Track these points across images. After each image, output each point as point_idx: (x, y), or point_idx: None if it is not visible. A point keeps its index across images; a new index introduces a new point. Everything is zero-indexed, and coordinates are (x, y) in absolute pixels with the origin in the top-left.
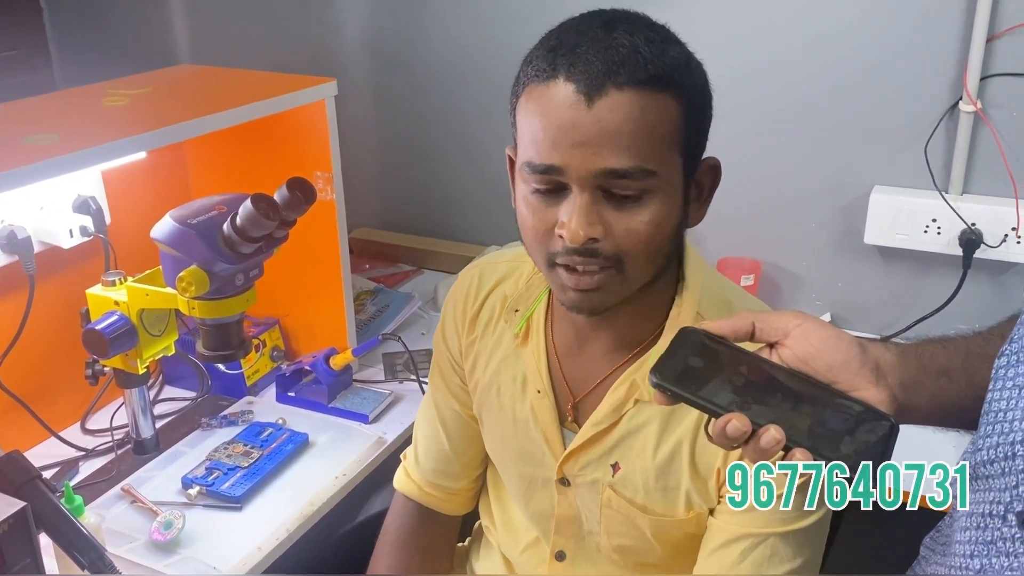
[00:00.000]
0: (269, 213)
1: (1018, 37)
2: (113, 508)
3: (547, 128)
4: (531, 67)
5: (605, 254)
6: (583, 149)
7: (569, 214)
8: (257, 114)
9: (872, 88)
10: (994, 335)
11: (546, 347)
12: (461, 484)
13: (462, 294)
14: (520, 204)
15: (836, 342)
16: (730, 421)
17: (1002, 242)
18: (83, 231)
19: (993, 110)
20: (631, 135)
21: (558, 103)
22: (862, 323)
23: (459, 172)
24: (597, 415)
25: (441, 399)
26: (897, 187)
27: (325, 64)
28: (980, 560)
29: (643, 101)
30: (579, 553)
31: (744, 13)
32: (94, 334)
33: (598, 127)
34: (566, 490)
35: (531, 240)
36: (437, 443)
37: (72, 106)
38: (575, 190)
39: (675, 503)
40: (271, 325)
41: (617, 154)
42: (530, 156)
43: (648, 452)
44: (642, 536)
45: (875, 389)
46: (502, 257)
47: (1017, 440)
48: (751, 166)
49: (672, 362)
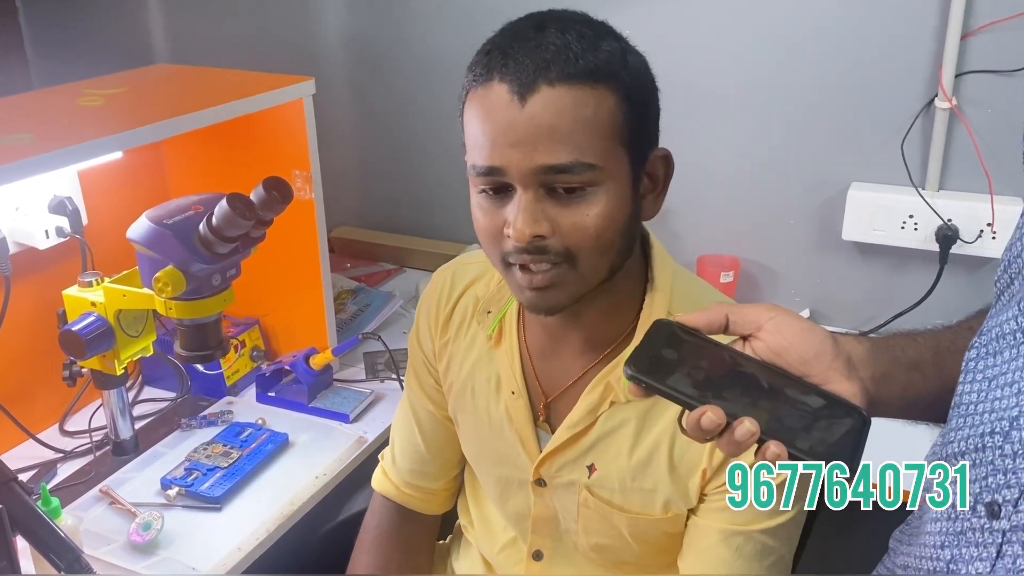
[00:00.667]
0: (245, 213)
1: (992, 35)
2: (91, 510)
3: (486, 130)
4: (471, 72)
5: (555, 250)
6: (520, 148)
7: (514, 213)
8: (234, 113)
9: (849, 86)
10: (963, 329)
11: (519, 348)
12: (438, 484)
13: (435, 296)
14: (473, 208)
15: (809, 335)
16: (705, 413)
17: (978, 238)
18: (59, 232)
19: (968, 107)
20: (566, 130)
21: (493, 105)
22: (841, 319)
23: (440, 170)
24: (572, 417)
25: (416, 400)
26: (874, 184)
27: (303, 62)
28: (951, 550)
29: (576, 95)
30: (556, 552)
31: (721, 13)
32: (71, 335)
33: (532, 124)
34: (542, 491)
35: (485, 242)
36: (413, 444)
37: (47, 106)
38: (519, 189)
39: (652, 503)
40: (251, 325)
41: (554, 150)
42: (474, 159)
43: (624, 453)
44: (619, 535)
45: (847, 382)
46: (475, 258)
47: (987, 432)
48: (730, 164)
49: (646, 354)
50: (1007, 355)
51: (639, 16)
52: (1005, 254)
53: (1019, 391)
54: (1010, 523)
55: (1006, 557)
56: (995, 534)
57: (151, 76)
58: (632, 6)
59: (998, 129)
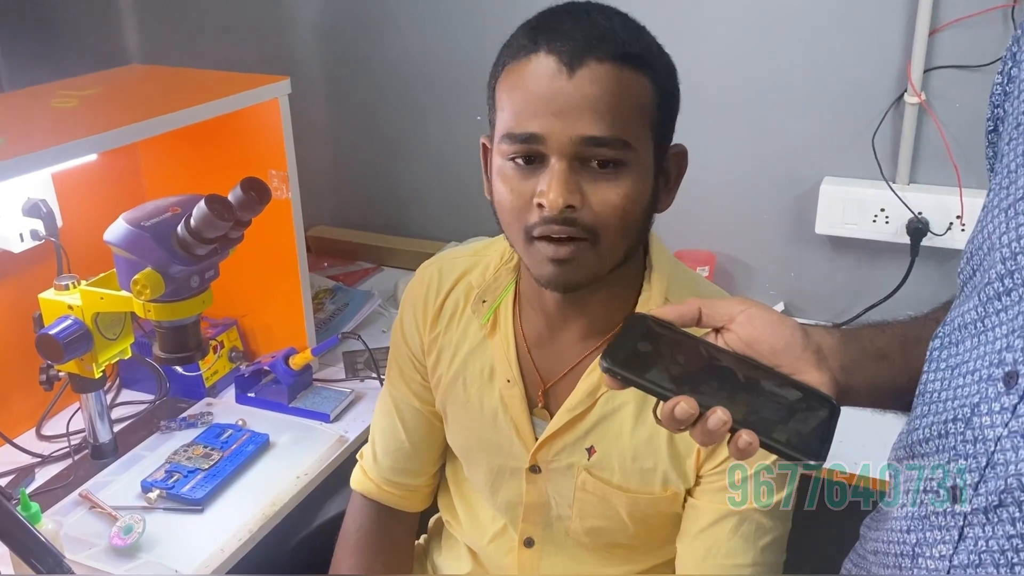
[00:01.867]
0: (223, 214)
1: (958, 31)
2: (71, 514)
3: (528, 98)
4: (511, 49)
5: (582, 223)
6: (563, 117)
7: (548, 182)
8: (210, 114)
9: (820, 83)
10: (929, 320)
11: (515, 337)
12: (420, 480)
13: (422, 291)
14: (497, 180)
15: (779, 327)
16: (678, 404)
17: (947, 230)
18: (34, 235)
19: (937, 101)
20: (610, 105)
21: (539, 75)
22: (815, 311)
23: (417, 168)
24: (572, 400)
25: (400, 396)
26: (846, 178)
27: (278, 61)
28: (916, 535)
29: (621, 75)
30: (547, 539)
31: (693, 9)
32: (48, 339)
33: (578, 95)
34: (536, 477)
35: (508, 215)
36: (396, 440)
37: (20, 108)
38: (553, 160)
39: (651, 482)
40: (229, 326)
41: (596, 122)
42: (510, 127)
43: (624, 434)
44: (616, 516)
45: (817, 372)
46: (460, 253)
47: (949, 419)
48: (704, 160)
49: (622, 347)
50: (968, 344)
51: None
52: (967, 246)
53: (980, 379)
54: (971, 506)
55: (968, 539)
56: (957, 517)
57: (125, 77)
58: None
59: (966, 123)
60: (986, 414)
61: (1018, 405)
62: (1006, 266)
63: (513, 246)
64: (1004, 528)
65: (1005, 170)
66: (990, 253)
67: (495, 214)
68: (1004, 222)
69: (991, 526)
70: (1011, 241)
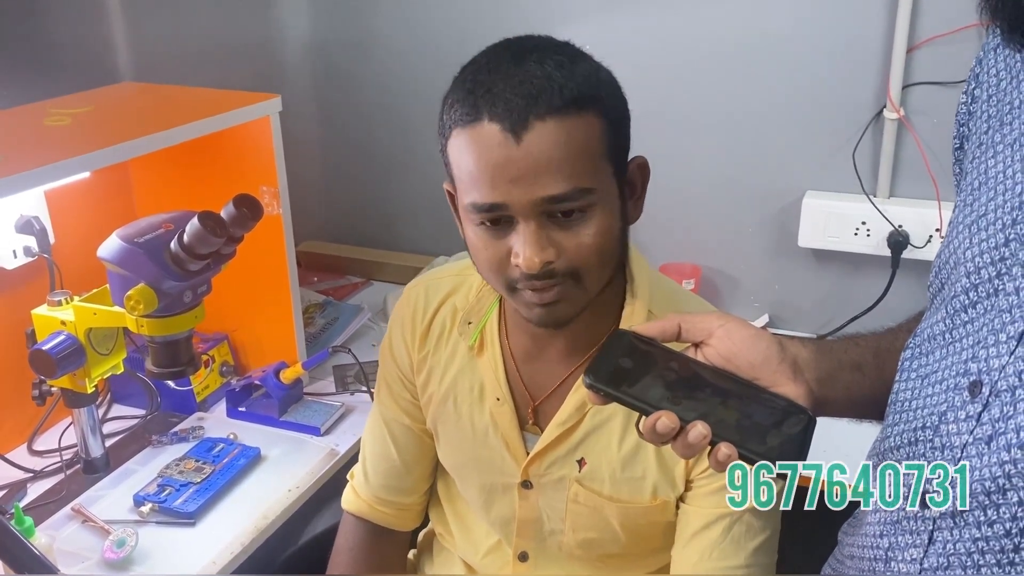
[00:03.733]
0: (216, 230)
1: (935, 48)
2: (64, 528)
3: (483, 169)
4: (454, 111)
5: (561, 272)
6: (520, 183)
7: (521, 244)
8: (202, 132)
9: (802, 99)
10: (902, 331)
11: (502, 355)
12: (412, 499)
13: (409, 311)
14: (471, 238)
15: (756, 341)
16: (659, 419)
17: (927, 242)
18: (27, 251)
19: (915, 117)
20: (562, 160)
21: (487, 144)
22: (798, 323)
23: (405, 183)
24: (561, 415)
25: (391, 415)
26: (828, 192)
27: (268, 77)
28: (888, 539)
29: (566, 126)
30: (541, 553)
31: (675, 29)
32: (41, 355)
33: (530, 160)
34: (528, 493)
35: (488, 271)
36: (387, 459)
37: (13, 126)
38: (521, 221)
39: (641, 491)
40: (220, 340)
41: (554, 181)
42: (473, 198)
43: (613, 445)
44: (608, 527)
45: (793, 384)
46: (446, 272)
47: (919, 427)
48: (689, 175)
49: (605, 363)
50: (937, 355)
51: (593, 31)
52: (935, 261)
53: (947, 388)
54: (939, 511)
55: (937, 543)
56: (927, 522)
57: (117, 95)
58: (586, 23)
59: (944, 138)
60: (952, 422)
61: (982, 413)
62: (971, 280)
63: (498, 291)
64: (971, 531)
65: (969, 187)
66: (956, 268)
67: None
68: (968, 237)
69: (959, 530)
70: (975, 256)
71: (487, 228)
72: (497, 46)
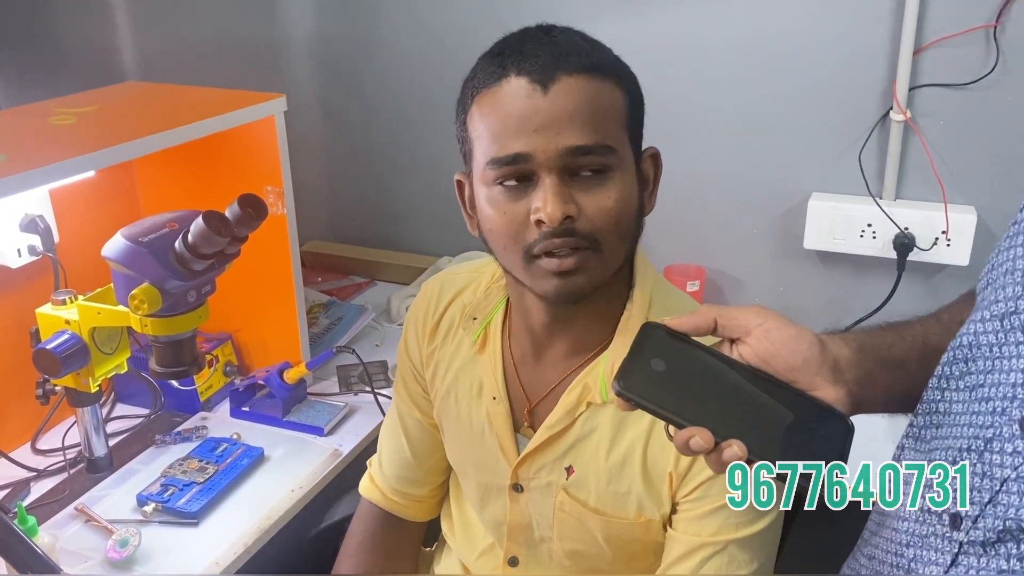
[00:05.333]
0: (221, 230)
1: (942, 50)
2: (67, 528)
3: (507, 121)
4: (477, 79)
5: (581, 233)
6: (545, 132)
7: (543, 198)
8: (206, 131)
9: (808, 101)
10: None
11: (502, 355)
12: (424, 491)
13: (423, 306)
14: (486, 208)
15: (796, 343)
16: (693, 436)
17: (933, 245)
18: (31, 250)
19: (922, 119)
20: (588, 114)
21: (515, 96)
22: (804, 325)
23: (409, 183)
24: (551, 419)
25: (404, 408)
26: (834, 194)
27: (273, 77)
28: (914, 550)
29: (593, 84)
30: (531, 559)
31: (682, 30)
32: (45, 354)
33: (556, 109)
34: (518, 496)
35: (504, 238)
36: (400, 451)
37: (18, 125)
38: (543, 175)
39: (626, 507)
40: (223, 340)
41: (579, 132)
42: (493, 152)
43: (601, 455)
44: (593, 540)
45: (833, 388)
46: (463, 269)
47: (964, 447)
48: (695, 177)
49: (635, 367)
50: (981, 365)
51: (599, 32)
52: (991, 255)
53: (995, 410)
54: (967, 536)
55: (960, 566)
56: (953, 543)
57: (122, 94)
58: (592, 23)
59: (950, 140)
60: (998, 452)
61: None
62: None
63: (509, 271)
64: (998, 563)
65: None
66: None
67: (485, 243)
68: None
69: (986, 558)
70: None
71: (505, 190)
72: (525, 28)
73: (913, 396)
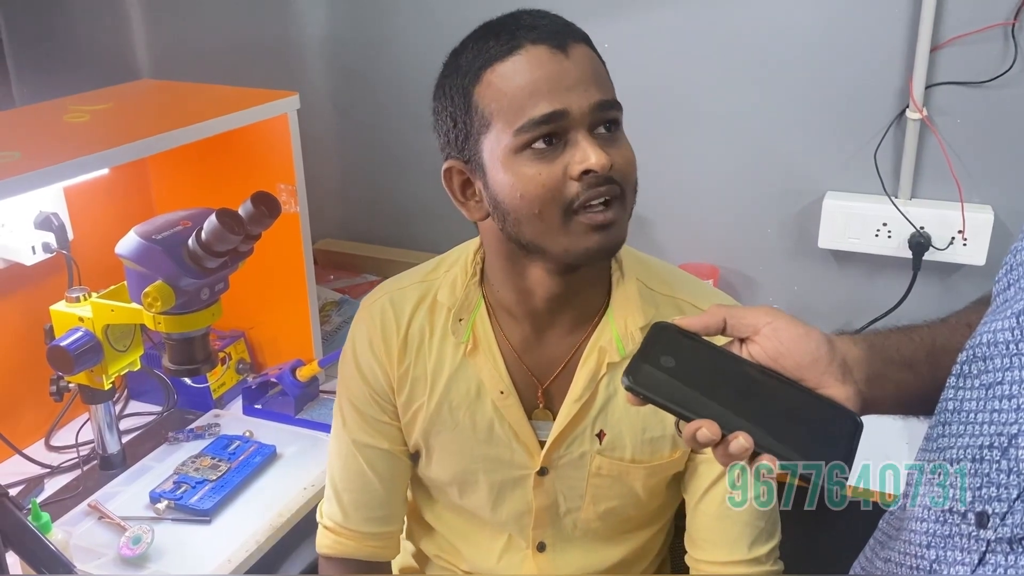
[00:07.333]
0: (234, 228)
1: (959, 48)
2: (80, 524)
3: (538, 83)
4: (479, 58)
5: (616, 181)
6: (576, 90)
7: (585, 150)
8: (220, 129)
9: (823, 98)
10: (961, 326)
11: (499, 348)
12: (395, 527)
13: (377, 328)
14: (514, 178)
15: (805, 342)
16: (700, 428)
17: (949, 244)
18: (46, 247)
19: (938, 117)
20: (601, 75)
21: (538, 62)
22: (817, 325)
23: (421, 181)
24: (574, 391)
25: (367, 442)
26: (849, 193)
27: (286, 75)
28: (936, 551)
29: (591, 51)
30: (557, 537)
31: (698, 26)
32: (59, 351)
33: (580, 69)
34: (543, 479)
35: (539, 203)
36: (368, 491)
37: (33, 123)
38: (575, 131)
39: (661, 448)
40: (236, 338)
41: (602, 89)
42: (530, 114)
43: (632, 410)
44: (630, 492)
45: (841, 387)
46: (406, 282)
47: (985, 444)
48: (708, 175)
49: (644, 362)
50: (998, 363)
51: (617, 26)
52: (1008, 257)
53: (1018, 407)
54: (995, 534)
55: (988, 564)
56: (980, 542)
57: (136, 92)
58: (605, 20)
59: (967, 138)
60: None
61: None
62: None
63: (532, 241)
64: None
65: None
66: None
67: (503, 218)
68: None
69: (1014, 556)
70: None
71: (535, 153)
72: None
73: (922, 398)
